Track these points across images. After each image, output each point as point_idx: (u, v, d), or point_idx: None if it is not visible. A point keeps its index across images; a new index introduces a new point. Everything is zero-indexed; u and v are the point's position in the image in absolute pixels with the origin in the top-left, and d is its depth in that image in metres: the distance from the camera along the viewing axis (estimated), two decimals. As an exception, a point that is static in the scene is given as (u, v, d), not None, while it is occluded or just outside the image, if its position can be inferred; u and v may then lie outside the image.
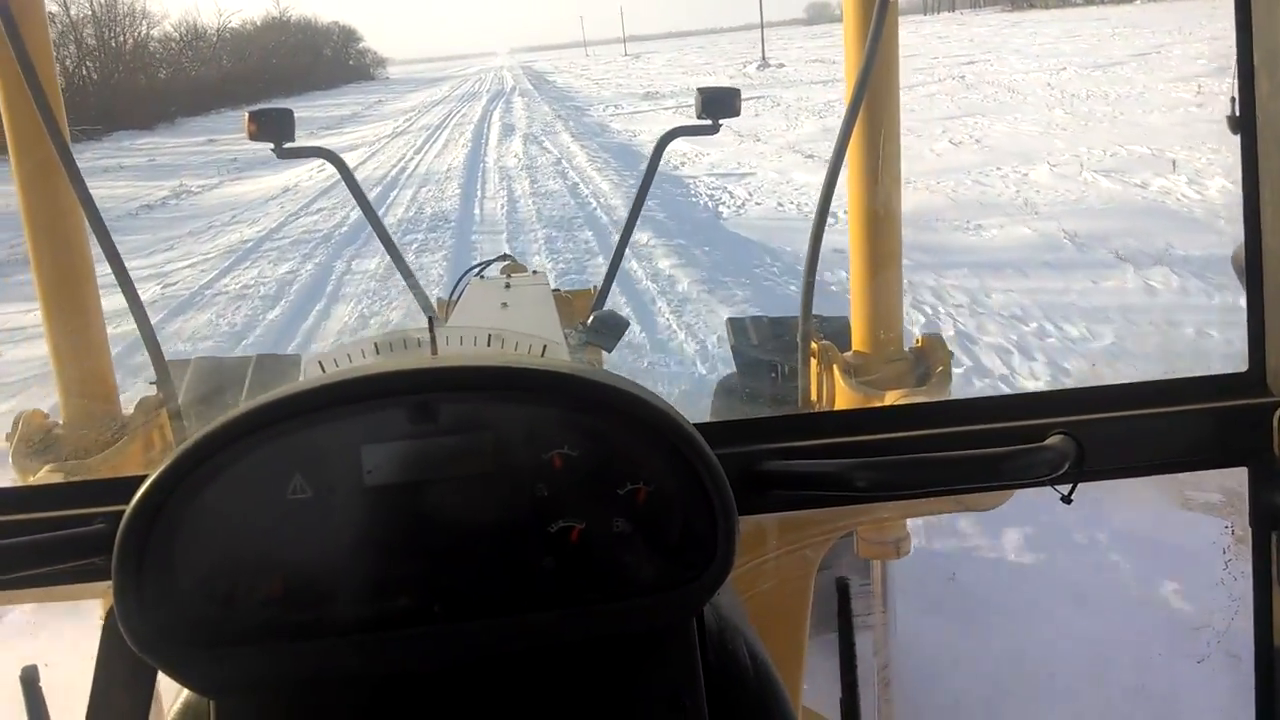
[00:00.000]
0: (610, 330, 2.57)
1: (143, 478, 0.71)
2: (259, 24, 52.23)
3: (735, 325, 3.11)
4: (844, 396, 2.10)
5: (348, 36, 65.92)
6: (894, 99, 2.12)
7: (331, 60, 60.19)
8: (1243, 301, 0.97)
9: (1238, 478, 0.95)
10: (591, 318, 2.57)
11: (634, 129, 17.54)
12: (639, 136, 16.32)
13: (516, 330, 0.93)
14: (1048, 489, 0.92)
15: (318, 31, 60.63)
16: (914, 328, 5.14)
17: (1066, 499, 0.90)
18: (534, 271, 2.89)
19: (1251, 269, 0.95)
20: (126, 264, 2.00)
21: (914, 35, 38.85)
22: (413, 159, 15.69)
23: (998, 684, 2.28)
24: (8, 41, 1.84)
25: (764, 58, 32.15)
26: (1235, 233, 0.97)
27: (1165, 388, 0.96)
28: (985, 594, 2.64)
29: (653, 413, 0.74)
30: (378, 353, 0.87)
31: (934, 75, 21.22)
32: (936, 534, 2.85)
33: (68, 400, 2.09)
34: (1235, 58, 0.94)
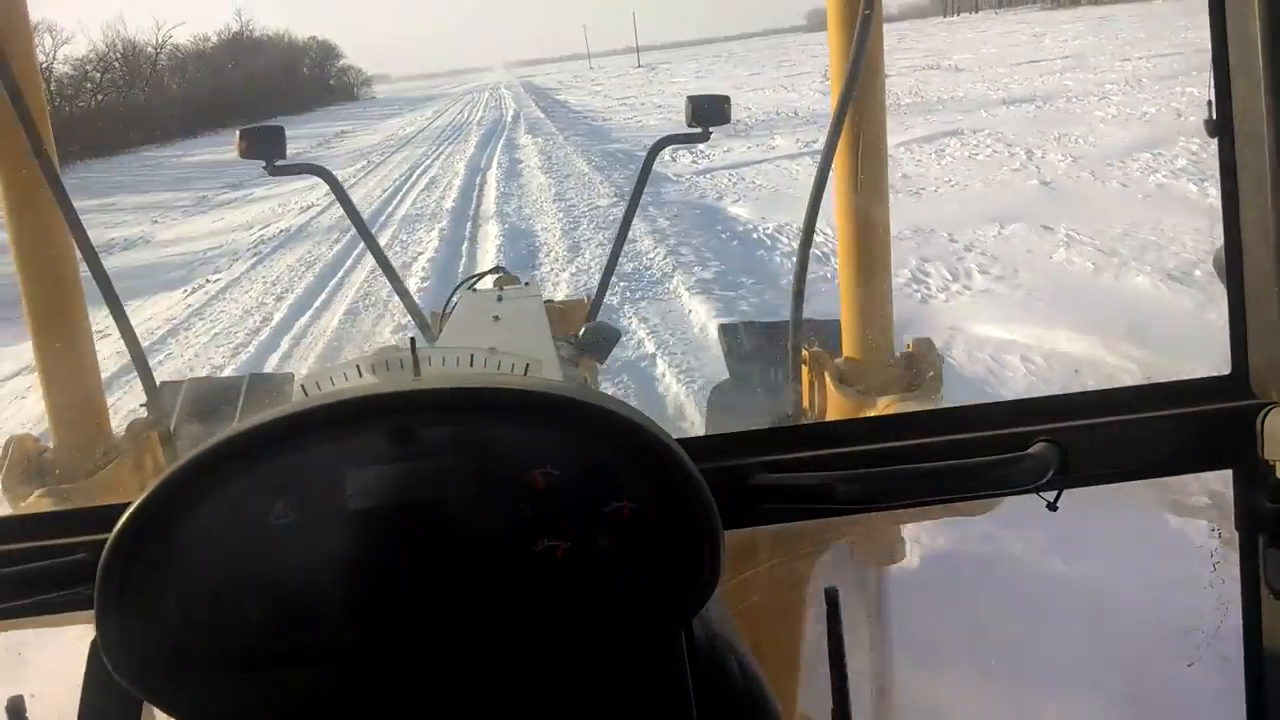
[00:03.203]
0: (603, 342, 2.57)
1: (126, 505, 0.70)
2: (215, 40, 48.24)
3: (727, 331, 3.12)
4: (835, 403, 2.10)
5: (326, 53, 60.93)
6: (880, 106, 2.13)
7: (309, 79, 55.65)
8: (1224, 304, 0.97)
9: (1223, 480, 0.95)
10: (584, 329, 2.58)
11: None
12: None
13: (504, 346, 0.93)
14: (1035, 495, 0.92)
15: (293, 48, 56.23)
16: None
17: (1052, 506, 0.90)
18: (526, 283, 2.89)
19: (1232, 271, 0.95)
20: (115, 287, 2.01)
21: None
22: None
23: (985, 687, 2.27)
24: None
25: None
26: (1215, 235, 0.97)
27: (1149, 392, 0.96)
28: (972, 598, 2.64)
29: (634, 430, 0.74)
30: (362, 375, 0.87)
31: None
32: (924, 539, 2.85)
33: (58, 424, 2.08)
34: (1211, 60, 0.94)
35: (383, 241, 7.93)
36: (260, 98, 40.24)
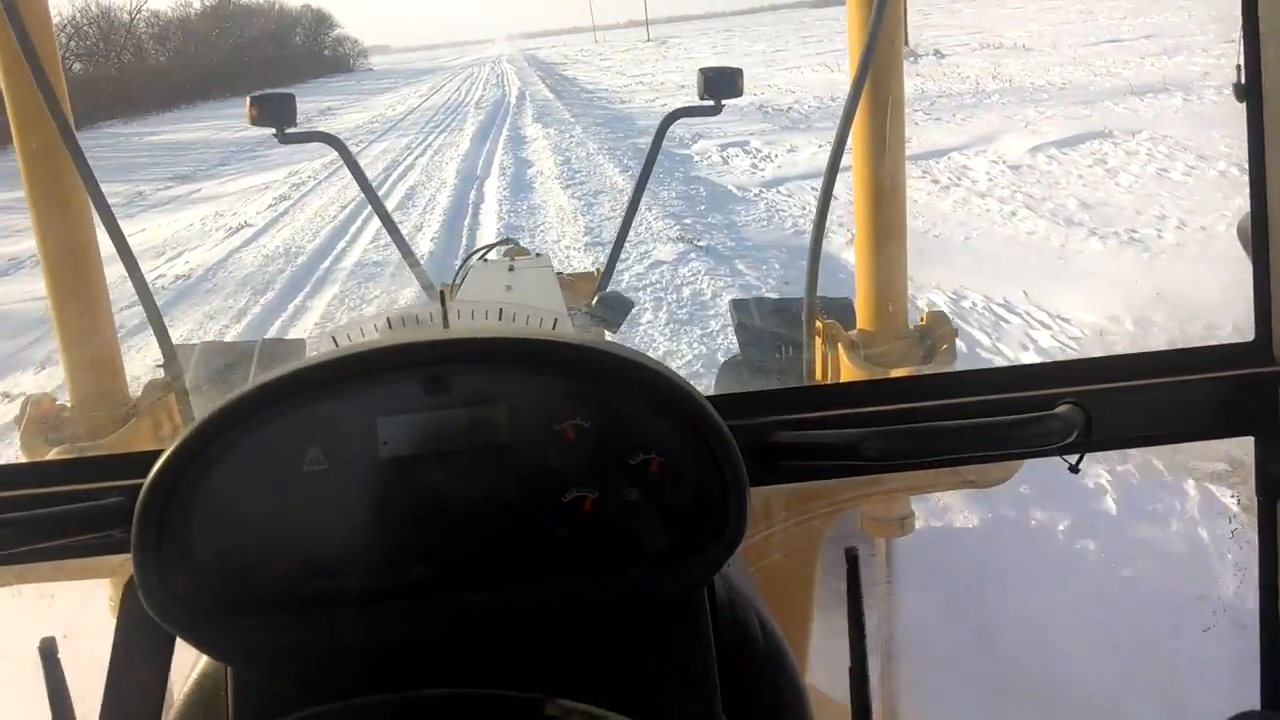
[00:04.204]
0: (615, 310, 2.57)
1: (158, 452, 0.71)
2: (199, 6, 44.18)
3: (739, 306, 3.11)
4: (849, 374, 2.10)
5: (321, 22, 56.86)
6: (898, 75, 2.11)
7: (301, 50, 52.07)
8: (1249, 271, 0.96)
9: (1244, 447, 0.96)
10: (596, 298, 2.58)
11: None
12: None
13: (529, 305, 0.93)
14: (1053, 461, 0.92)
15: (285, 16, 52.48)
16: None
17: (1074, 468, 0.91)
18: (537, 254, 2.89)
19: (1258, 238, 0.95)
20: (132, 248, 2.01)
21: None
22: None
23: (1002, 653, 2.29)
24: (8, 24, 1.83)
25: (906, 39, 21.85)
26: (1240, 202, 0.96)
27: (1172, 357, 0.96)
28: (988, 564, 2.65)
29: (664, 383, 0.75)
30: (390, 328, 0.88)
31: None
32: (939, 506, 2.86)
33: (75, 383, 2.09)
34: (1241, 25, 0.94)
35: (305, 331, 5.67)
36: (246, 68, 36.48)
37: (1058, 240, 6.48)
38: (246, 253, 8.50)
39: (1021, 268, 5.87)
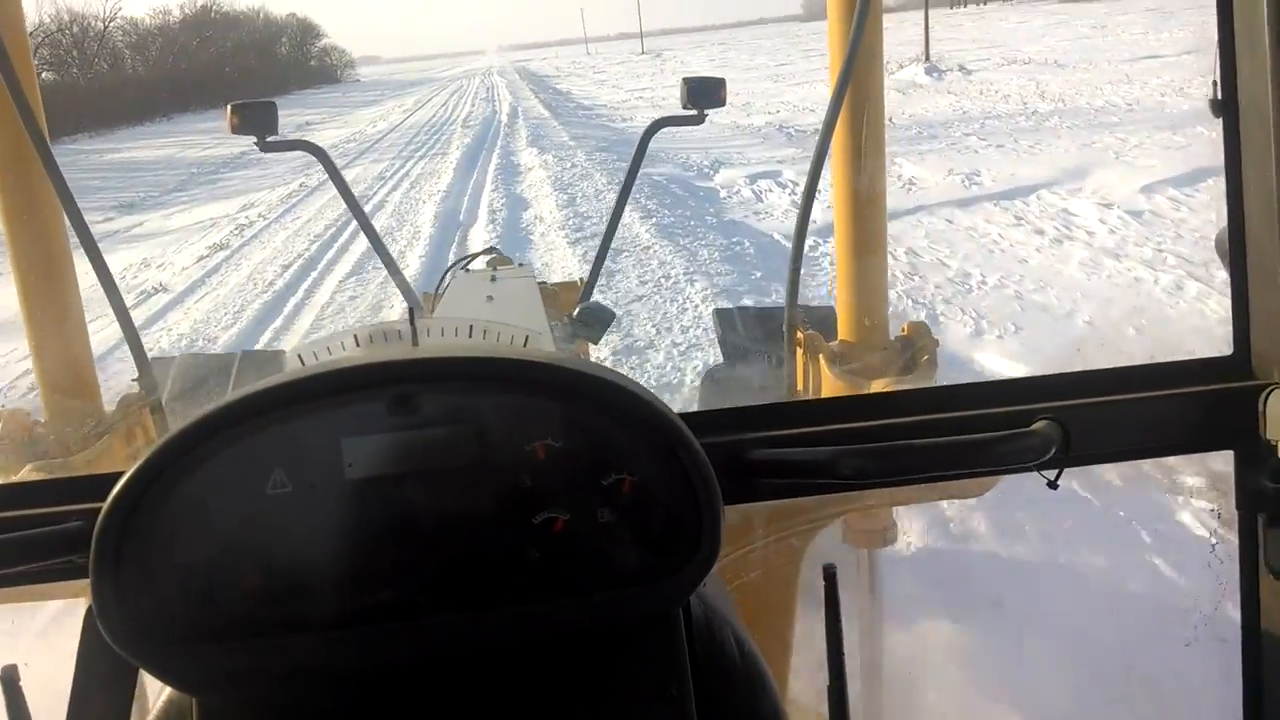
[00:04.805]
0: (597, 322, 2.57)
1: (120, 474, 0.70)
2: (179, 14, 43.36)
3: (722, 316, 3.12)
4: (830, 385, 2.10)
5: (306, 32, 56.17)
6: (878, 87, 2.12)
7: (286, 60, 51.50)
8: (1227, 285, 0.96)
9: (1223, 461, 0.95)
10: (578, 310, 2.57)
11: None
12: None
13: (501, 321, 0.92)
14: (1033, 474, 0.92)
15: (270, 25, 51.46)
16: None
17: (1053, 484, 0.90)
18: (520, 264, 2.88)
19: (1235, 252, 0.95)
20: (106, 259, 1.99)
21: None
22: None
23: (983, 667, 2.29)
24: None
25: (927, 54, 19.82)
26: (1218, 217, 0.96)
27: (1151, 372, 0.96)
28: (969, 578, 2.65)
29: (636, 402, 0.74)
30: (359, 345, 0.86)
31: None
32: (920, 520, 2.86)
33: (49, 397, 2.07)
34: (1216, 40, 0.94)
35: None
36: (228, 79, 35.74)
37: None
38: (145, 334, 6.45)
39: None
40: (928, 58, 19.65)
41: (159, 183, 15.47)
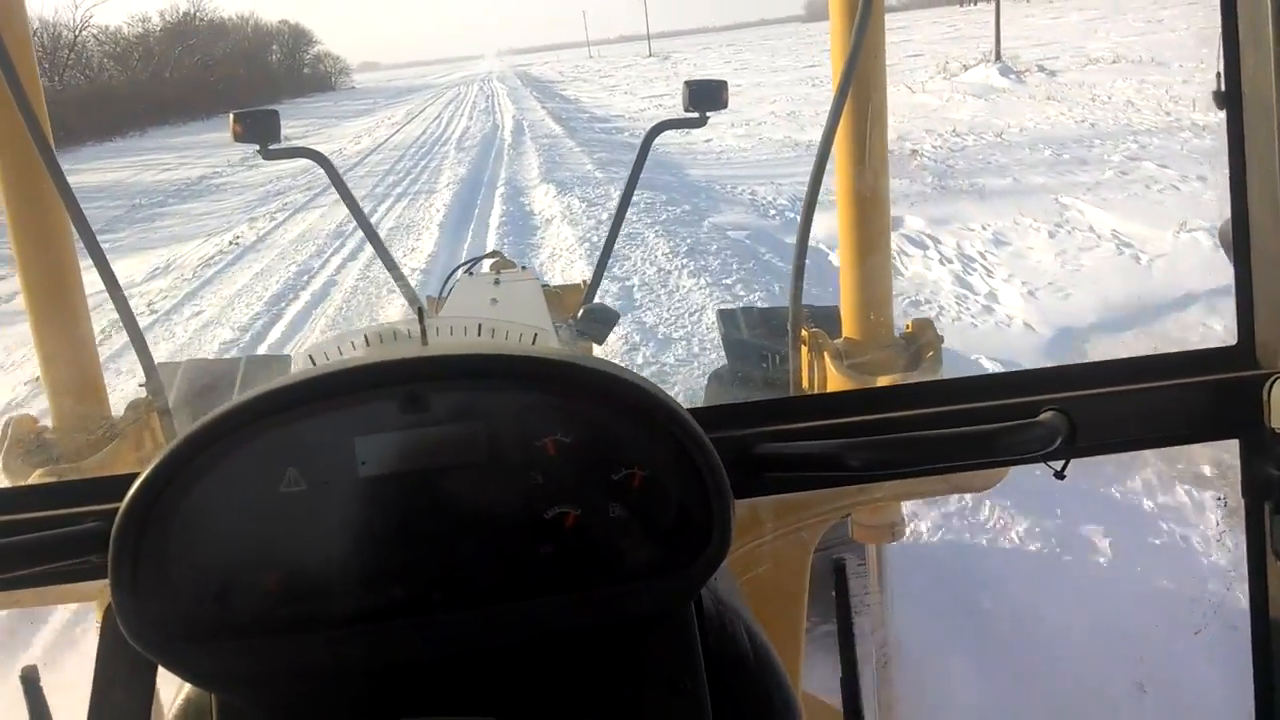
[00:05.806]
0: (601, 323, 2.57)
1: (135, 475, 0.70)
2: (159, 21, 40.67)
3: (725, 316, 3.12)
4: (835, 383, 2.10)
5: (299, 39, 54.19)
6: (881, 84, 2.12)
7: (277, 68, 49.60)
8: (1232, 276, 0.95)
9: (1229, 449, 0.96)
10: (581, 311, 2.58)
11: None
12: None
13: (508, 320, 0.93)
14: (1039, 466, 0.92)
15: (260, 33, 49.69)
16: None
17: (1059, 475, 0.90)
18: (523, 267, 2.89)
19: (1239, 243, 0.96)
20: (112, 266, 2.00)
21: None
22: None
23: (991, 657, 2.29)
24: None
25: (998, 53, 16.93)
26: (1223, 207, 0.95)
27: (1156, 362, 0.97)
28: (976, 569, 2.65)
29: (646, 397, 0.74)
30: (368, 345, 0.87)
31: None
32: (927, 508, 2.86)
33: (57, 403, 2.08)
34: (1220, 32, 0.94)
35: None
36: (211, 89, 33.12)
37: None
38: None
39: None
40: (998, 56, 16.66)
41: (94, 216, 13.84)
